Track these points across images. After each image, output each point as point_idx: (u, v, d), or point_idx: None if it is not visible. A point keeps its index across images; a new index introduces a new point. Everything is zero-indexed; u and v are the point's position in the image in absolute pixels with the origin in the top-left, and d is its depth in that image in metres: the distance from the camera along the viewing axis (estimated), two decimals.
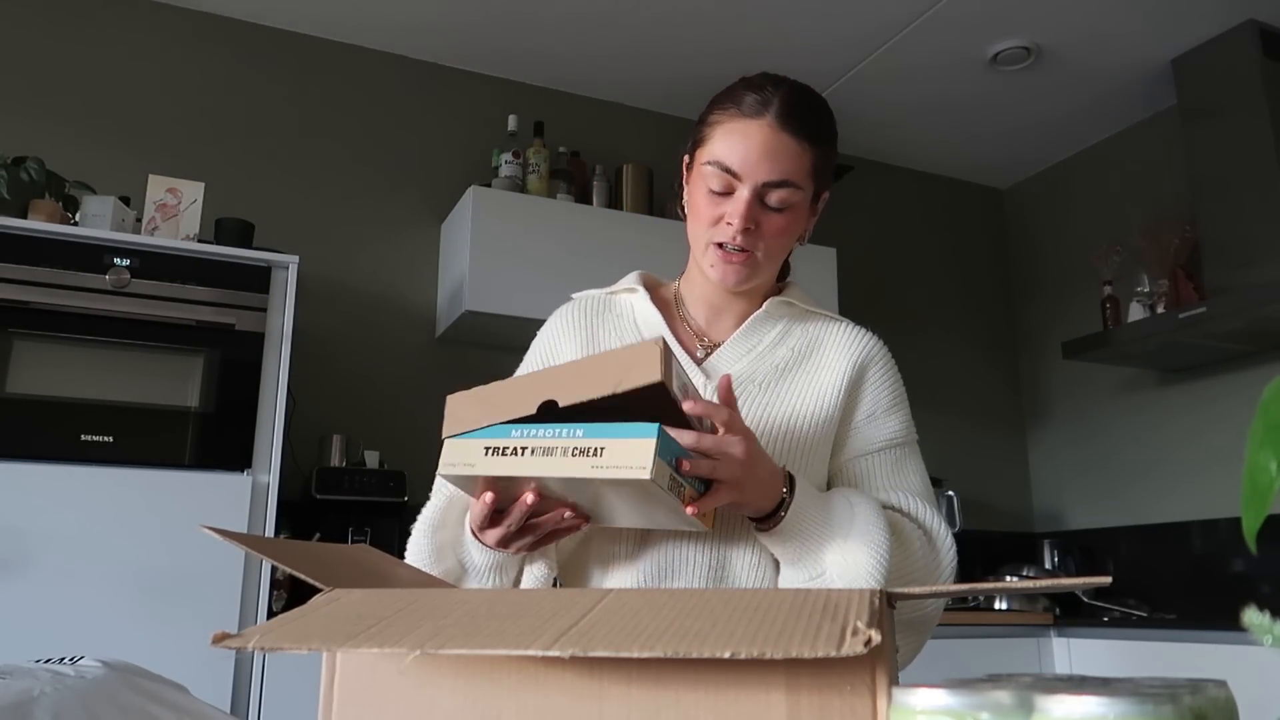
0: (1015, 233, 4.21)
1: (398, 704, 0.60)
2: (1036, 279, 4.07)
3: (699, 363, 1.16)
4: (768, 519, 1.00)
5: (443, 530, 1.08)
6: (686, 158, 1.16)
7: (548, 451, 0.88)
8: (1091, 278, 3.60)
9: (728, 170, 1.06)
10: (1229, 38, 3.08)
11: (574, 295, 1.27)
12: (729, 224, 1.07)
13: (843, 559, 0.99)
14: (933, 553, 1.08)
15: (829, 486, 1.14)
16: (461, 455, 0.90)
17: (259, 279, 2.35)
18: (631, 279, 1.24)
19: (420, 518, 1.12)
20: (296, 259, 2.40)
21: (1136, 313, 3.24)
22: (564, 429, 0.88)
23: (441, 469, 0.91)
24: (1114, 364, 3.49)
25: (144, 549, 2.09)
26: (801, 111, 1.07)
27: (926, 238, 4.07)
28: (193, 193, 2.45)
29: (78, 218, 2.35)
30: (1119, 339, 3.22)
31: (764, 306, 1.18)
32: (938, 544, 1.09)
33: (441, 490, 1.13)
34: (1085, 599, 3.20)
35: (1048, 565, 3.64)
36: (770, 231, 1.08)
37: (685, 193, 1.15)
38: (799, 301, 1.21)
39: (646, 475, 0.84)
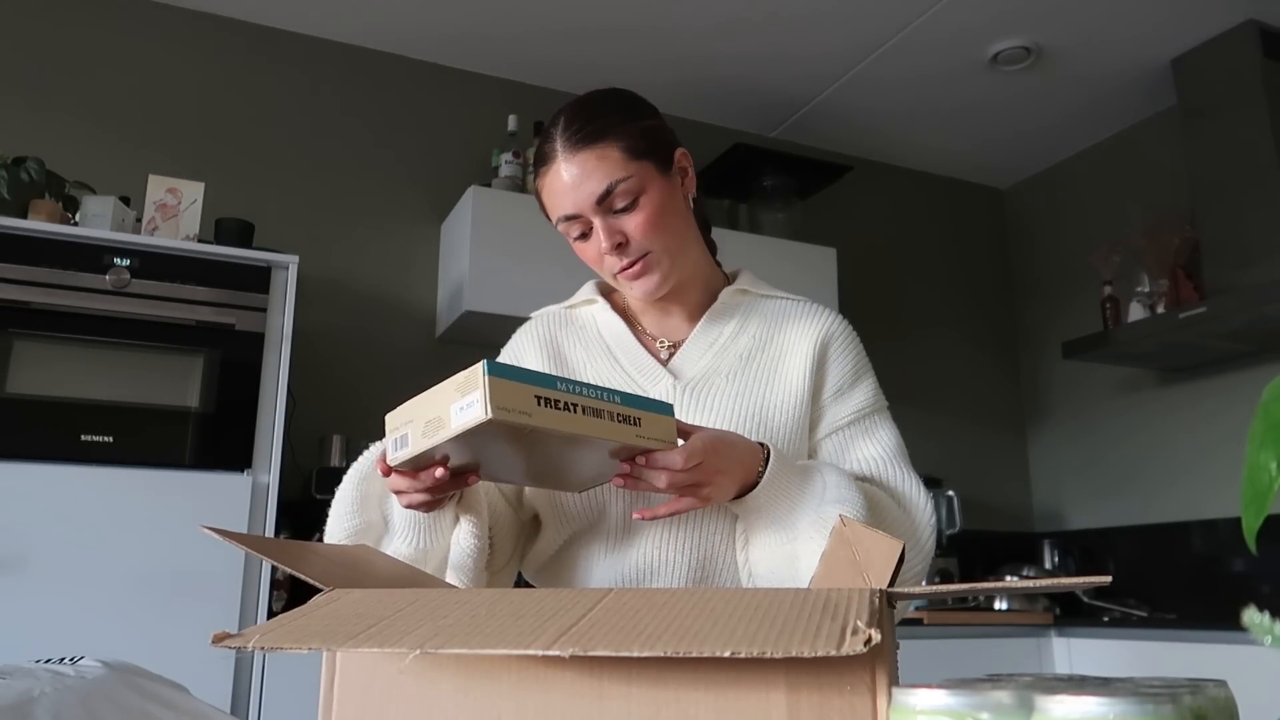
0: (1015, 233, 4.21)
1: (398, 704, 0.60)
2: (1036, 279, 4.07)
3: (664, 363, 1.18)
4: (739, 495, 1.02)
5: (373, 480, 1.07)
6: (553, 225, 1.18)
7: (596, 413, 0.89)
8: (1091, 278, 3.60)
9: (569, 218, 1.11)
10: (1229, 38, 3.08)
11: (533, 314, 1.30)
12: (606, 255, 1.11)
13: (818, 518, 0.99)
14: (907, 517, 1.10)
15: None
16: (514, 400, 0.83)
17: (259, 279, 2.34)
18: (589, 290, 1.27)
19: (353, 466, 1.10)
20: (296, 259, 2.39)
21: (1136, 313, 3.24)
22: (602, 392, 0.90)
23: (494, 412, 0.81)
24: (1114, 364, 3.49)
25: (144, 549, 2.08)
26: (579, 123, 1.09)
27: (926, 238, 4.06)
28: (193, 193, 2.45)
29: (78, 218, 2.35)
30: (1119, 339, 3.22)
31: (720, 298, 1.21)
32: (911, 508, 1.11)
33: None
34: (1085, 599, 3.20)
35: (1048, 565, 3.64)
36: (640, 229, 1.09)
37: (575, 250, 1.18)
38: (752, 287, 1.23)
39: (676, 447, 0.94)
